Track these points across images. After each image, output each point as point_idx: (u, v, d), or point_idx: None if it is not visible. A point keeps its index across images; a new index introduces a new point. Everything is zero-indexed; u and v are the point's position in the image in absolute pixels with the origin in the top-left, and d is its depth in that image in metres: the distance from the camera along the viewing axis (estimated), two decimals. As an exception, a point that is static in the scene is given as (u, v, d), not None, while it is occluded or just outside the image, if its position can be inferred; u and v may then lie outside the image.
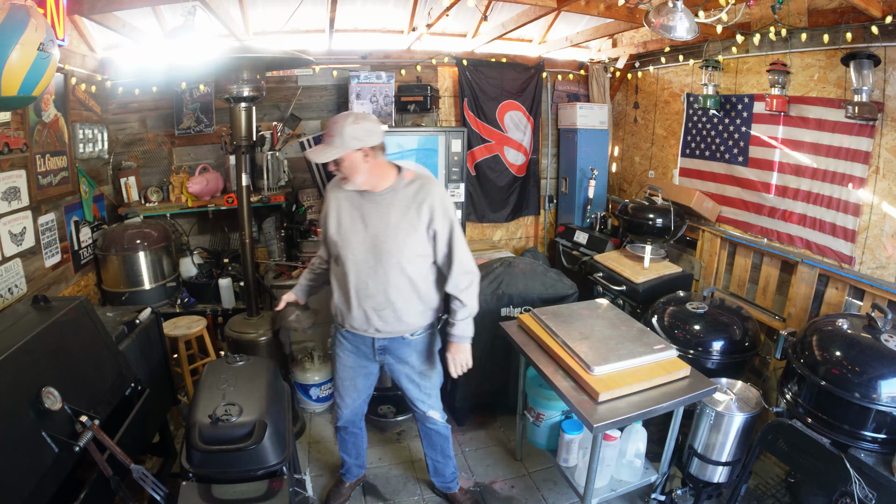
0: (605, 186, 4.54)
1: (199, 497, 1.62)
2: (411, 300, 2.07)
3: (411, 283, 2.04)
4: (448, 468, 2.51)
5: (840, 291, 2.69)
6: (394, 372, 2.26)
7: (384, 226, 1.98)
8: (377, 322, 2.08)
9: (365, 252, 2.00)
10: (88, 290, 3.24)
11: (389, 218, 1.97)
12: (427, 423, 2.38)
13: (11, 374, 1.50)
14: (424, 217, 1.97)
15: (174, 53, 2.48)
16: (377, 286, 2.02)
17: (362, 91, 3.76)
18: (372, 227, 1.98)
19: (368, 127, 1.88)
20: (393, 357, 2.21)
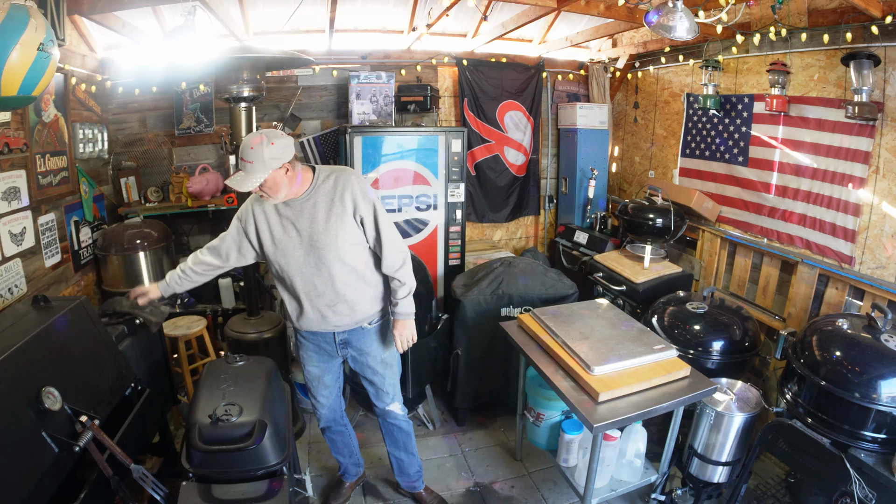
0: (605, 186, 4.54)
1: (199, 497, 1.62)
2: (360, 289, 2.12)
3: (356, 273, 2.09)
4: (413, 466, 2.52)
5: (840, 291, 2.69)
6: (357, 365, 2.28)
7: (315, 225, 2.02)
8: (333, 318, 2.12)
9: (304, 255, 2.04)
10: (88, 290, 3.24)
11: (317, 216, 2.02)
12: (388, 419, 2.39)
13: (11, 374, 1.51)
14: (349, 206, 2.02)
15: (174, 53, 2.48)
16: (324, 284, 2.06)
17: (362, 91, 3.76)
18: (304, 229, 2.02)
19: (283, 143, 1.90)
20: (354, 349, 2.24)
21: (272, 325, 2.91)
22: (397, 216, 3.61)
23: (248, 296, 2.93)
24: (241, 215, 2.13)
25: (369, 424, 3.23)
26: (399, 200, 3.59)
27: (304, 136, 4.01)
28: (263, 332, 2.85)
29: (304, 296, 2.10)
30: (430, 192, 3.63)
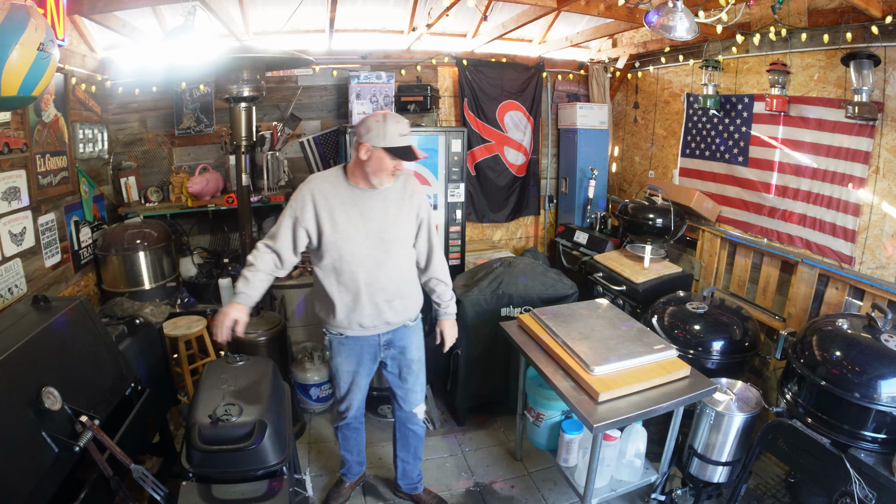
0: (605, 186, 4.54)
1: (199, 497, 1.62)
2: (414, 286, 2.23)
3: (411, 270, 2.20)
4: (416, 469, 2.53)
5: (840, 291, 2.69)
6: (395, 365, 2.29)
7: (386, 218, 2.06)
8: (389, 314, 2.14)
9: (370, 247, 2.04)
10: (88, 290, 3.24)
11: (389, 210, 2.07)
12: (410, 424, 2.39)
13: (11, 374, 1.51)
14: (415, 207, 2.13)
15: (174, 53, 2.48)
16: (388, 278, 2.09)
17: (362, 91, 3.76)
18: (374, 221, 2.04)
19: None
20: (396, 349, 2.25)
21: (272, 325, 2.91)
22: (397, 216, 3.61)
23: (248, 296, 2.92)
24: (294, 206, 2.03)
25: (368, 424, 3.23)
26: (399, 200, 3.59)
27: (304, 136, 4.01)
28: (263, 332, 2.85)
29: (366, 288, 2.06)
30: (430, 191, 3.63)
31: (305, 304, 3.48)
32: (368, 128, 1.93)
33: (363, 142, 1.95)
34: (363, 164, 1.98)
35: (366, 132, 1.94)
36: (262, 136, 3.41)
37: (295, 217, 2.03)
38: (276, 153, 3.65)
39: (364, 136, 1.94)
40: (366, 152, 1.95)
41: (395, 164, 1.97)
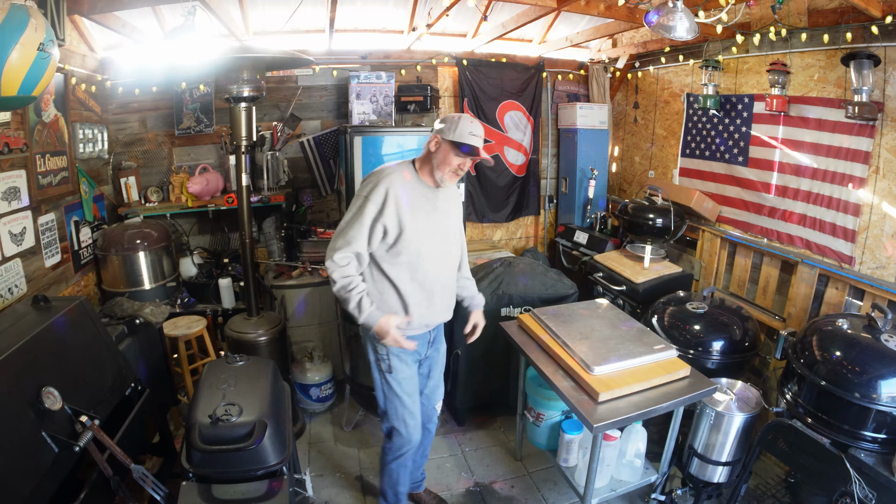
0: (605, 186, 4.54)
1: (199, 497, 1.62)
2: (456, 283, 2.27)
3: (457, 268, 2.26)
4: (421, 468, 2.53)
5: (840, 291, 2.69)
6: (431, 363, 2.31)
7: (449, 218, 2.14)
8: (446, 313, 2.21)
9: (438, 244, 2.08)
10: (88, 290, 3.24)
11: (450, 211, 2.15)
12: (428, 424, 2.38)
13: (11, 374, 1.51)
14: (460, 211, 2.29)
15: (174, 53, 2.48)
16: (449, 275, 2.17)
17: (362, 91, 3.76)
18: (441, 220, 2.09)
19: None
20: (434, 347, 2.29)
21: (272, 325, 2.91)
22: (397, 216, 3.60)
23: (247, 296, 2.93)
24: (373, 201, 1.94)
25: (368, 424, 3.23)
26: (399, 200, 3.59)
27: (304, 136, 4.01)
28: (263, 332, 2.85)
29: (438, 285, 2.09)
30: (430, 192, 3.63)
31: (305, 304, 3.48)
32: (443, 121, 2.00)
33: (435, 133, 2.00)
34: (431, 156, 2.01)
35: (439, 125, 2.00)
36: (262, 136, 3.42)
37: (375, 213, 1.94)
38: (276, 153, 3.65)
39: (437, 127, 2.00)
40: (435, 144, 1.99)
41: (461, 162, 1.98)
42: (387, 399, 2.14)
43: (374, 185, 1.97)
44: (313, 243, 3.68)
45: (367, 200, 1.95)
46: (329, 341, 3.54)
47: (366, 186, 1.99)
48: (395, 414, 2.14)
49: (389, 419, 2.16)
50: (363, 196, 1.97)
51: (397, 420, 2.14)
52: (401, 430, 2.15)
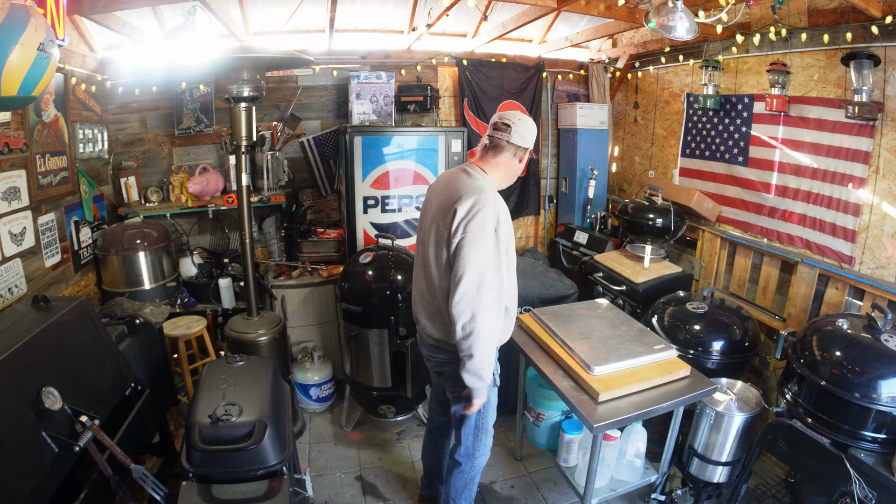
0: (605, 186, 4.54)
1: (199, 497, 1.62)
2: None
3: None
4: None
5: (840, 291, 2.69)
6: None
7: None
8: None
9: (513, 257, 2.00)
10: (88, 290, 3.24)
11: None
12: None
13: (11, 374, 1.51)
14: None
15: (174, 53, 2.48)
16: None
17: (362, 91, 3.76)
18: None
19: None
20: None
21: (272, 325, 2.91)
22: (397, 216, 3.61)
23: (248, 296, 2.93)
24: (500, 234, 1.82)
25: (369, 424, 3.24)
26: (399, 200, 3.59)
27: (304, 136, 4.01)
28: (263, 332, 2.85)
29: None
30: (430, 192, 3.63)
31: (305, 304, 3.48)
32: (530, 133, 1.95)
33: (529, 147, 1.95)
34: (517, 169, 2.00)
35: (530, 138, 1.95)
36: (262, 136, 3.42)
37: (505, 247, 1.85)
38: (276, 153, 3.65)
39: (529, 141, 1.95)
40: (527, 156, 1.98)
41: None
42: (482, 415, 2.07)
43: (494, 214, 1.81)
44: (313, 243, 3.68)
45: (498, 237, 1.81)
46: (329, 341, 3.54)
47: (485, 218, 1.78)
48: (486, 428, 2.11)
49: (479, 434, 2.10)
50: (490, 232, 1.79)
51: (486, 433, 2.12)
52: (487, 440, 2.14)
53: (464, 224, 1.78)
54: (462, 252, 1.77)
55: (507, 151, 1.93)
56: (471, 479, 2.20)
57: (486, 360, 1.84)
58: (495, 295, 1.81)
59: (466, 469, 2.16)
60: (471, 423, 2.08)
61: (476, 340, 1.78)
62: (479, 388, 1.88)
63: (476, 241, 1.76)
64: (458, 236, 1.78)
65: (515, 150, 1.94)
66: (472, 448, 2.12)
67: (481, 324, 1.77)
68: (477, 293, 1.76)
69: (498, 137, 1.92)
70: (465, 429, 2.09)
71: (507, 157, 1.94)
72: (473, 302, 1.75)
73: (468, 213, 1.78)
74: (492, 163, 1.95)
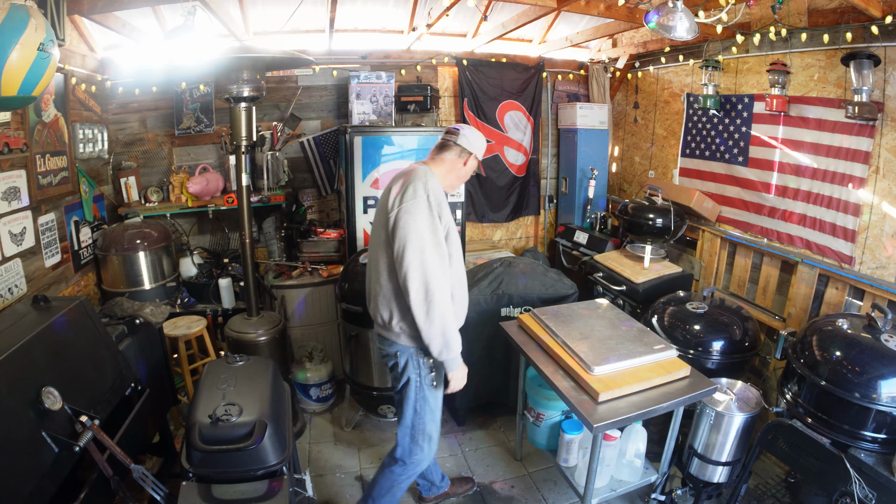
0: (605, 186, 4.54)
1: (199, 497, 1.62)
2: None
3: None
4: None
5: (840, 291, 2.69)
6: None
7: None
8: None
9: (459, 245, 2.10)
10: (88, 290, 3.24)
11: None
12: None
13: (11, 374, 1.51)
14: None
15: (174, 53, 2.48)
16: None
17: (362, 91, 3.76)
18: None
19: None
20: None
21: (272, 325, 2.91)
22: (397, 216, 3.61)
23: (248, 296, 2.93)
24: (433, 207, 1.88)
25: (369, 424, 3.24)
26: (399, 200, 3.59)
27: (304, 136, 4.01)
28: (263, 332, 2.85)
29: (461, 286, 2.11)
30: (430, 192, 3.63)
31: (305, 304, 3.48)
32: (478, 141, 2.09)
33: (473, 152, 2.08)
34: (461, 171, 2.09)
35: (477, 144, 2.08)
36: (262, 136, 3.42)
37: (438, 215, 1.90)
38: (276, 153, 3.65)
39: (475, 147, 2.08)
40: (471, 162, 2.09)
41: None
42: (418, 415, 2.07)
43: (423, 183, 1.89)
44: (313, 243, 3.68)
45: (428, 211, 1.86)
46: (329, 341, 3.54)
47: (416, 188, 1.87)
48: (424, 430, 2.10)
49: (416, 436, 2.10)
50: (422, 199, 1.86)
51: (424, 436, 2.11)
52: (425, 446, 2.12)
53: (398, 198, 1.89)
54: (400, 223, 1.85)
55: (452, 150, 2.06)
56: (397, 484, 2.16)
57: (448, 325, 1.86)
58: (439, 259, 1.86)
59: (397, 471, 2.14)
60: (406, 422, 2.08)
61: (432, 305, 1.82)
62: (450, 361, 1.93)
63: (410, 210, 1.84)
64: (395, 210, 1.88)
65: (460, 151, 2.06)
66: (408, 450, 2.10)
67: (434, 286, 1.81)
68: (422, 257, 1.81)
69: (447, 139, 2.09)
70: (401, 429, 2.11)
71: (452, 155, 2.07)
72: (421, 267, 1.81)
73: (401, 188, 1.91)
74: (437, 160, 2.08)
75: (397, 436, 2.14)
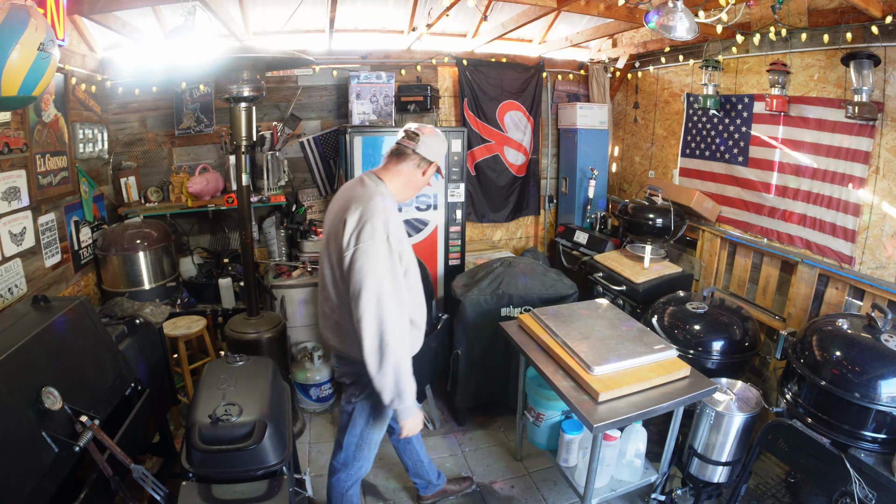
0: (605, 186, 4.54)
1: (199, 497, 1.62)
2: None
3: None
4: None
5: (840, 291, 2.69)
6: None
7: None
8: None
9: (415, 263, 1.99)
10: (88, 290, 3.24)
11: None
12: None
13: (11, 374, 1.51)
14: None
15: (174, 53, 2.48)
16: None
17: (362, 91, 3.76)
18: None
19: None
20: None
21: (272, 325, 2.91)
22: (397, 216, 3.61)
23: (248, 296, 2.93)
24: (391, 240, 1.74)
25: (369, 424, 3.23)
26: (399, 200, 3.59)
27: (304, 136, 4.01)
28: (263, 332, 2.85)
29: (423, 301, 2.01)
30: (429, 191, 3.63)
31: (305, 304, 3.48)
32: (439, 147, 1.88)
33: (434, 161, 1.89)
34: (420, 182, 1.92)
35: (437, 151, 1.88)
36: (262, 136, 3.42)
37: (398, 256, 1.77)
38: (276, 153, 3.65)
39: (436, 155, 1.88)
40: (430, 171, 1.91)
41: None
42: (369, 427, 2.04)
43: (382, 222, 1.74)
44: (313, 243, 3.68)
45: (383, 244, 1.71)
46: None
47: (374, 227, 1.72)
48: (372, 440, 2.07)
49: (362, 445, 2.07)
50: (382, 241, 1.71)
51: (371, 446, 2.08)
52: (371, 454, 2.11)
53: (354, 236, 1.72)
54: (356, 266, 1.70)
55: (410, 161, 1.87)
56: (346, 490, 2.15)
57: (402, 375, 1.74)
58: (397, 305, 1.73)
59: (343, 478, 2.12)
60: (356, 431, 2.03)
61: (386, 356, 1.70)
62: (403, 410, 1.81)
63: (368, 252, 1.69)
64: (351, 249, 1.72)
65: (419, 161, 1.87)
66: (353, 457, 2.08)
67: (390, 337, 1.70)
68: (378, 305, 1.68)
69: (405, 145, 1.87)
70: (349, 437, 2.05)
71: (410, 166, 1.87)
72: (377, 316, 1.69)
73: (357, 224, 1.72)
74: (393, 170, 1.89)
75: (342, 442, 2.08)
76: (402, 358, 1.74)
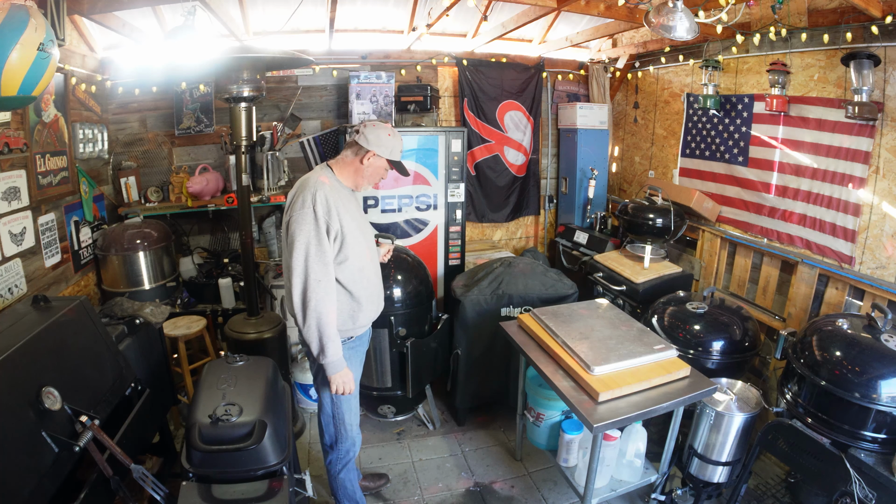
0: (605, 186, 4.54)
1: (199, 497, 1.62)
2: None
3: None
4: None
5: (840, 291, 2.69)
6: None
7: (366, 219, 2.30)
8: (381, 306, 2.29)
9: (370, 240, 2.19)
10: (88, 290, 3.24)
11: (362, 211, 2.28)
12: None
13: (11, 374, 1.51)
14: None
15: (174, 53, 2.48)
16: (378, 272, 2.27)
17: (362, 91, 3.76)
18: (362, 219, 2.21)
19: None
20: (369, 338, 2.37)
21: (272, 325, 2.91)
22: (397, 216, 3.61)
23: (248, 296, 2.93)
24: (319, 214, 1.91)
25: (369, 424, 3.23)
26: (399, 200, 3.59)
27: (304, 136, 4.01)
28: (263, 332, 2.85)
29: (378, 280, 2.22)
30: (430, 191, 3.63)
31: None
32: (379, 138, 2.06)
33: (371, 149, 2.06)
34: (361, 169, 2.11)
35: (375, 141, 2.05)
36: (262, 136, 3.42)
37: (325, 225, 1.92)
38: (276, 153, 3.65)
39: (373, 144, 2.05)
40: (370, 159, 2.08)
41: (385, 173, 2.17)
42: (335, 404, 2.18)
43: (309, 200, 1.92)
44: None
45: (311, 220, 1.90)
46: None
47: (304, 198, 1.92)
48: (343, 420, 2.20)
49: (338, 424, 2.21)
50: (309, 209, 1.90)
51: (344, 425, 2.21)
52: (350, 431, 2.23)
53: (289, 210, 1.97)
54: (289, 233, 1.93)
55: (350, 148, 2.11)
56: (339, 472, 2.31)
57: (325, 330, 1.92)
58: (321, 266, 1.91)
59: (333, 460, 2.29)
60: (327, 411, 2.20)
61: (308, 310, 1.90)
62: (328, 364, 1.98)
63: (298, 220, 1.90)
64: (287, 218, 1.97)
65: (357, 149, 2.08)
66: (335, 434, 2.23)
67: (312, 293, 1.89)
68: (305, 265, 1.89)
69: (351, 135, 2.14)
70: (323, 416, 2.23)
71: (350, 154, 2.11)
72: (303, 273, 1.89)
73: (291, 199, 1.99)
74: (339, 160, 2.14)
75: (321, 423, 2.26)
76: (325, 314, 1.91)
